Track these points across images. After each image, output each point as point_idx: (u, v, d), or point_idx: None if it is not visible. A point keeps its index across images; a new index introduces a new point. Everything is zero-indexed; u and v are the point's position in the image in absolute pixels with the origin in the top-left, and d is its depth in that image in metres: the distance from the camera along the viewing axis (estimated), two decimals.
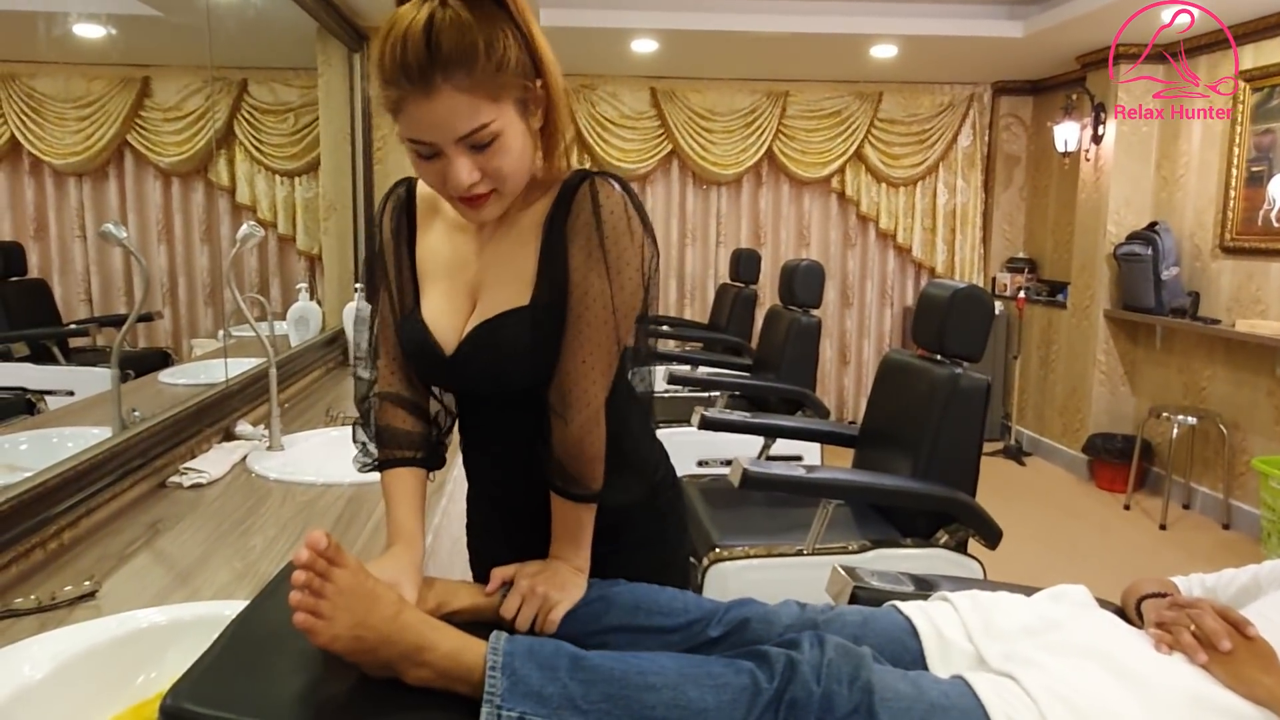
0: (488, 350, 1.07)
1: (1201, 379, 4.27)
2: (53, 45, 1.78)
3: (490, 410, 1.16)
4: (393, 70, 0.94)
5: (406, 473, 1.14)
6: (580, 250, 1.04)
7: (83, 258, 2.26)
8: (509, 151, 0.99)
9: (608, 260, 1.03)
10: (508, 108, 0.98)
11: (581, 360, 1.05)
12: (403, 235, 1.16)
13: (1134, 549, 3.82)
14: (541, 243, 1.07)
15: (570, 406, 1.06)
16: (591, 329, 1.04)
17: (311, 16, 3.09)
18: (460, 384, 1.14)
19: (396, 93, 0.95)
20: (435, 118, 0.95)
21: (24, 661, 0.95)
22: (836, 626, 1.13)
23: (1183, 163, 4.38)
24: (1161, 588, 1.28)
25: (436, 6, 0.94)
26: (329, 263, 3.57)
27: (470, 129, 0.96)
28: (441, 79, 0.93)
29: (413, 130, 0.97)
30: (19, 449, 1.50)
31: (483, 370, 1.09)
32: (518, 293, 1.07)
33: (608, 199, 1.04)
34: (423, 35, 0.92)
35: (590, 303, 1.04)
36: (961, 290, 2.23)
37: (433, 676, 0.92)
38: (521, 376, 1.08)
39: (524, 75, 0.99)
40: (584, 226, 1.04)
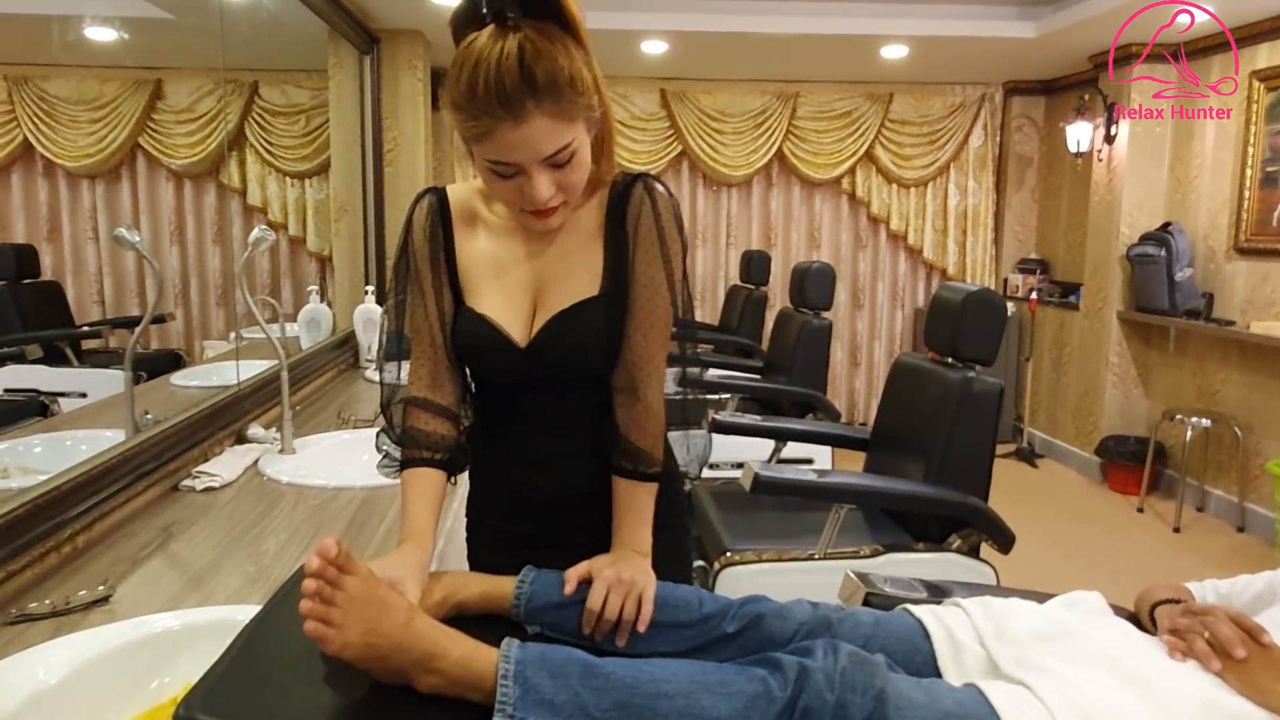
0: (567, 338, 1.15)
1: (1216, 381, 4.24)
2: (66, 48, 1.80)
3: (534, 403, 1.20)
4: (486, 99, 0.99)
5: (426, 473, 1.16)
6: (643, 243, 1.15)
7: (96, 259, 2.27)
8: (582, 166, 1.08)
9: (665, 250, 1.15)
10: (580, 125, 1.06)
11: (650, 341, 1.16)
12: (439, 243, 1.19)
13: (1147, 552, 3.80)
14: (605, 238, 1.16)
15: (643, 384, 1.16)
16: (656, 315, 1.16)
17: (323, 19, 3.11)
18: (534, 372, 1.17)
19: (487, 121, 1.00)
20: (524, 141, 1.01)
21: (39, 666, 0.96)
22: (849, 626, 1.12)
23: (1196, 163, 4.35)
24: (1175, 594, 1.27)
25: (523, 38, 0.99)
26: (340, 264, 3.58)
27: (555, 150, 1.03)
28: (533, 105, 0.99)
29: (499, 154, 1.03)
30: (33, 452, 1.51)
31: (562, 357, 1.16)
32: (587, 284, 1.16)
33: (659, 197, 1.16)
34: (517, 65, 0.98)
35: (654, 288, 1.15)
36: (974, 294, 2.21)
37: (444, 684, 0.92)
38: (596, 361, 1.17)
39: (592, 94, 1.06)
40: (645, 221, 1.15)
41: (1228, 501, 4.14)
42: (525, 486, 1.23)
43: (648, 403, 1.17)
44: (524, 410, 1.21)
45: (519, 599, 1.11)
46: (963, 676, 1.08)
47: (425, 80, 3.99)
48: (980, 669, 1.10)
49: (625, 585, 1.07)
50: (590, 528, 1.19)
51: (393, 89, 3.84)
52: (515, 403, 1.21)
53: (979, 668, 1.10)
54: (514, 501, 1.24)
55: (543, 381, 1.18)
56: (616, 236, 1.16)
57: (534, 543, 1.19)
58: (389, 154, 3.87)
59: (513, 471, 1.23)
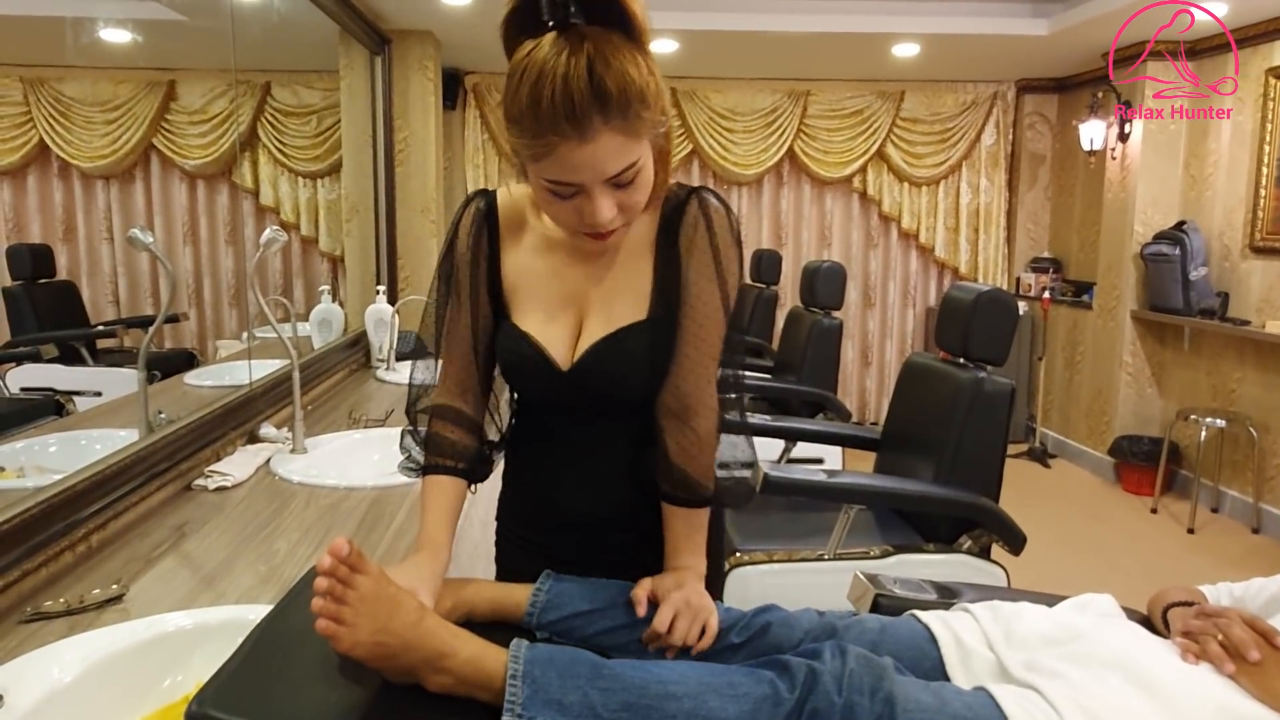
0: (611, 363, 1.10)
1: (1231, 381, 4.21)
2: (81, 50, 1.81)
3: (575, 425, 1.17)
4: (551, 116, 0.91)
5: (447, 481, 1.14)
6: (697, 262, 1.09)
7: (110, 259, 2.28)
8: (645, 185, 1.01)
9: (720, 270, 1.09)
10: (646, 143, 0.99)
11: (703, 366, 1.10)
12: (483, 249, 1.15)
13: (1161, 553, 3.77)
14: (656, 258, 1.11)
15: (695, 411, 1.11)
16: (710, 336, 1.10)
17: (334, 20, 3.12)
18: (574, 396, 1.13)
19: (551, 139, 0.92)
20: (589, 160, 0.94)
21: (54, 664, 0.97)
22: (855, 633, 1.12)
23: (1211, 161, 4.32)
24: (1188, 596, 1.26)
25: (591, 49, 0.91)
26: (351, 264, 3.60)
27: (620, 169, 0.96)
28: (601, 122, 0.92)
29: (560, 173, 0.96)
30: (49, 451, 1.52)
31: (605, 383, 1.11)
32: (635, 307, 1.10)
33: (715, 212, 1.09)
34: (587, 79, 0.90)
35: (708, 311, 1.09)
36: (985, 294, 2.21)
37: (454, 683, 0.92)
38: (640, 387, 1.12)
39: (661, 108, 0.98)
40: (700, 239, 1.09)
41: (1243, 502, 4.11)
42: (556, 505, 1.20)
43: (699, 431, 1.11)
44: (561, 430, 1.18)
45: (534, 605, 1.11)
46: (971, 681, 1.08)
47: (436, 81, 4.00)
48: (989, 673, 1.09)
49: (693, 610, 1.06)
50: (618, 549, 1.18)
51: (404, 89, 3.85)
52: (552, 421, 1.19)
53: (988, 672, 1.10)
54: (544, 517, 1.22)
55: (582, 404, 1.14)
56: (668, 255, 1.09)
57: (559, 558, 1.17)
58: (400, 154, 3.88)
59: (545, 489, 1.21)
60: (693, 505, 1.13)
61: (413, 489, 1.67)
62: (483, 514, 1.97)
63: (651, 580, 1.11)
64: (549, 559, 1.18)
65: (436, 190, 4.02)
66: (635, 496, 1.16)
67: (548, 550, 1.20)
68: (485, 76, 5.24)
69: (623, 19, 0.94)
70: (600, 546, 1.18)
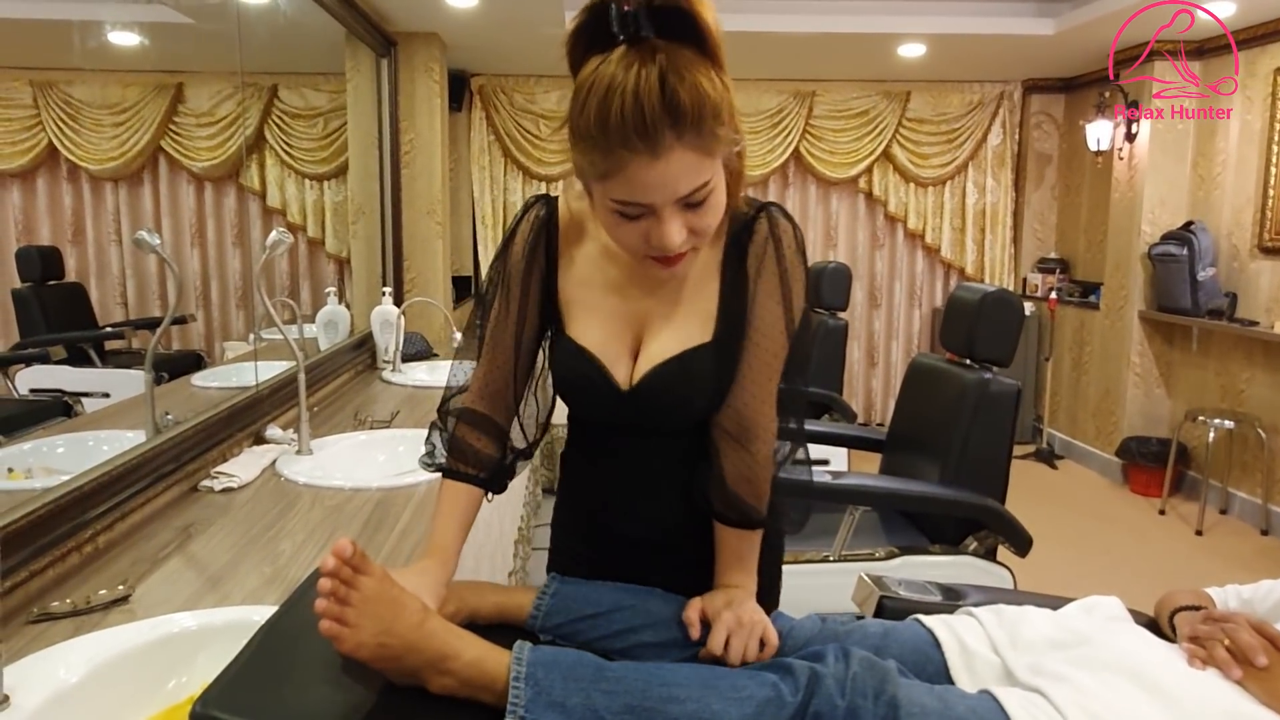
0: (675, 386, 1.07)
1: (1240, 381, 4.18)
2: (89, 53, 1.82)
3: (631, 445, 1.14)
4: (620, 130, 0.87)
5: (464, 489, 1.13)
6: (765, 284, 1.05)
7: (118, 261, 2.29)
8: (717, 207, 0.97)
9: (786, 292, 1.05)
10: (719, 161, 0.94)
11: (764, 389, 1.07)
12: (539, 258, 1.11)
13: (1169, 555, 3.75)
14: (722, 279, 1.07)
15: (753, 435, 1.08)
16: (773, 360, 1.07)
17: (340, 23, 3.13)
18: (633, 417, 1.10)
19: (620, 154, 0.89)
20: (661, 179, 0.90)
21: (60, 665, 0.97)
22: (858, 638, 1.12)
23: (1220, 161, 4.30)
24: (1196, 600, 1.25)
25: (665, 62, 0.87)
26: (357, 266, 3.61)
27: (692, 189, 0.92)
28: (674, 138, 0.88)
29: (629, 192, 0.92)
30: (56, 452, 1.53)
31: (667, 405, 1.08)
32: (700, 329, 1.07)
33: (785, 232, 1.06)
34: (659, 94, 0.86)
35: (772, 334, 1.06)
36: (991, 294, 2.20)
37: (457, 685, 0.92)
38: (702, 410, 1.09)
39: (735, 126, 0.95)
40: (768, 260, 1.05)
41: (1252, 504, 4.09)
42: (608, 521, 1.18)
43: (757, 455, 1.08)
44: (614, 447, 1.16)
45: (538, 608, 1.11)
46: (976, 684, 1.07)
47: (442, 83, 4.00)
48: (994, 677, 1.09)
49: (747, 628, 1.05)
50: (670, 569, 1.15)
51: (410, 92, 3.86)
52: (606, 439, 1.16)
53: (992, 676, 1.09)
54: (594, 532, 1.20)
55: (639, 424, 1.11)
56: (736, 277, 1.06)
57: (606, 574, 1.16)
58: (406, 156, 3.89)
59: (596, 504, 1.20)
60: (746, 527, 1.11)
61: (418, 491, 1.67)
62: (488, 516, 1.97)
63: (702, 599, 1.09)
64: (597, 573, 1.16)
65: (442, 192, 4.03)
66: (688, 517, 1.14)
67: (599, 566, 1.18)
68: (491, 78, 5.24)
69: (696, 32, 0.90)
70: (653, 566, 1.15)
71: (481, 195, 5.33)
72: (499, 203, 5.38)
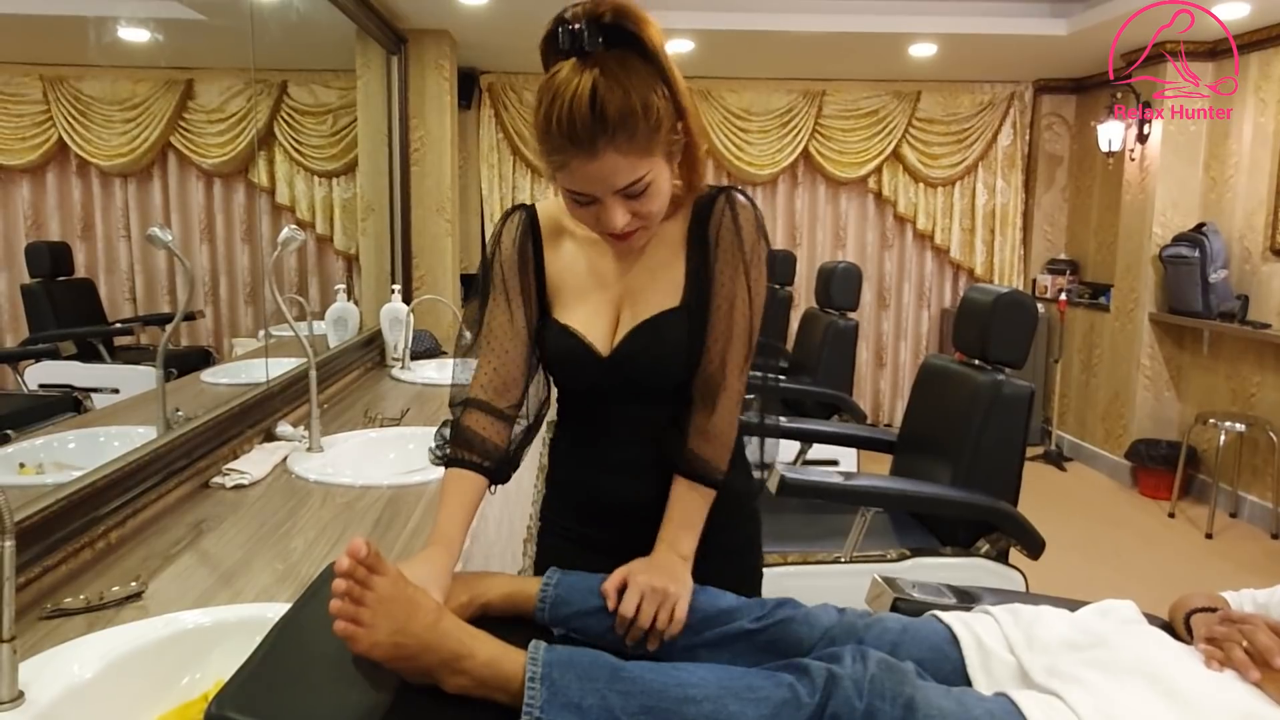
0: (648, 348, 1.17)
1: (1250, 385, 4.16)
2: (100, 49, 1.82)
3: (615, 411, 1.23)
4: (559, 136, 1.01)
5: (468, 477, 1.16)
6: (723, 255, 1.16)
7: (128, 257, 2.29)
8: (659, 195, 1.09)
9: (746, 264, 1.15)
10: (658, 159, 1.06)
11: (725, 351, 1.17)
12: (528, 256, 1.22)
13: (1179, 558, 3.74)
14: (687, 251, 1.18)
15: (716, 395, 1.17)
16: (735, 324, 1.16)
17: (351, 19, 3.13)
18: (614, 382, 1.20)
19: (561, 155, 1.03)
20: (598, 175, 1.03)
21: (74, 661, 0.97)
22: (876, 632, 1.11)
23: (1232, 163, 4.27)
24: (1211, 602, 1.24)
25: (598, 75, 1.00)
26: (366, 263, 3.61)
27: (628, 183, 1.05)
28: (605, 143, 1.01)
29: (574, 184, 1.06)
30: (68, 448, 1.53)
31: (643, 367, 1.18)
32: (669, 296, 1.18)
33: (742, 208, 1.17)
34: (589, 104, 0.99)
35: (734, 301, 1.16)
36: (1005, 295, 2.19)
37: (471, 684, 0.92)
38: (674, 371, 1.18)
39: (672, 128, 1.07)
40: (726, 234, 1.16)
41: (1262, 507, 4.06)
42: (599, 492, 1.25)
43: (718, 417, 1.18)
44: (602, 418, 1.24)
45: (543, 601, 1.11)
46: (992, 685, 1.07)
47: (452, 80, 4.00)
48: (1010, 678, 1.08)
49: (659, 594, 1.07)
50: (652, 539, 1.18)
51: (419, 89, 3.86)
52: (595, 410, 1.25)
53: (1009, 676, 1.08)
54: (587, 506, 1.27)
55: (623, 391, 1.20)
56: (698, 248, 1.17)
57: (601, 547, 1.20)
58: (415, 153, 3.89)
59: (588, 477, 1.27)
60: (700, 482, 1.17)
61: (428, 489, 1.67)
62: (498, 513, 1.97)
63: (628, 566, 1.11)
64: (593, 548, 1.20)
65: (451, 189, 4.03)
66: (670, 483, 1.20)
67: (587, 537, 1.24)
68: (501, 76, 5.24)
69: (637, 44, 1.03)
70: (637, 534, 1.19)
71: (490, 193, 5.33)
72: (508, 200, 5.37)
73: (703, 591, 1.13)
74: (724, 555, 1.25)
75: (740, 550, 1.32)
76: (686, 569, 1.13)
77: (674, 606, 1.07)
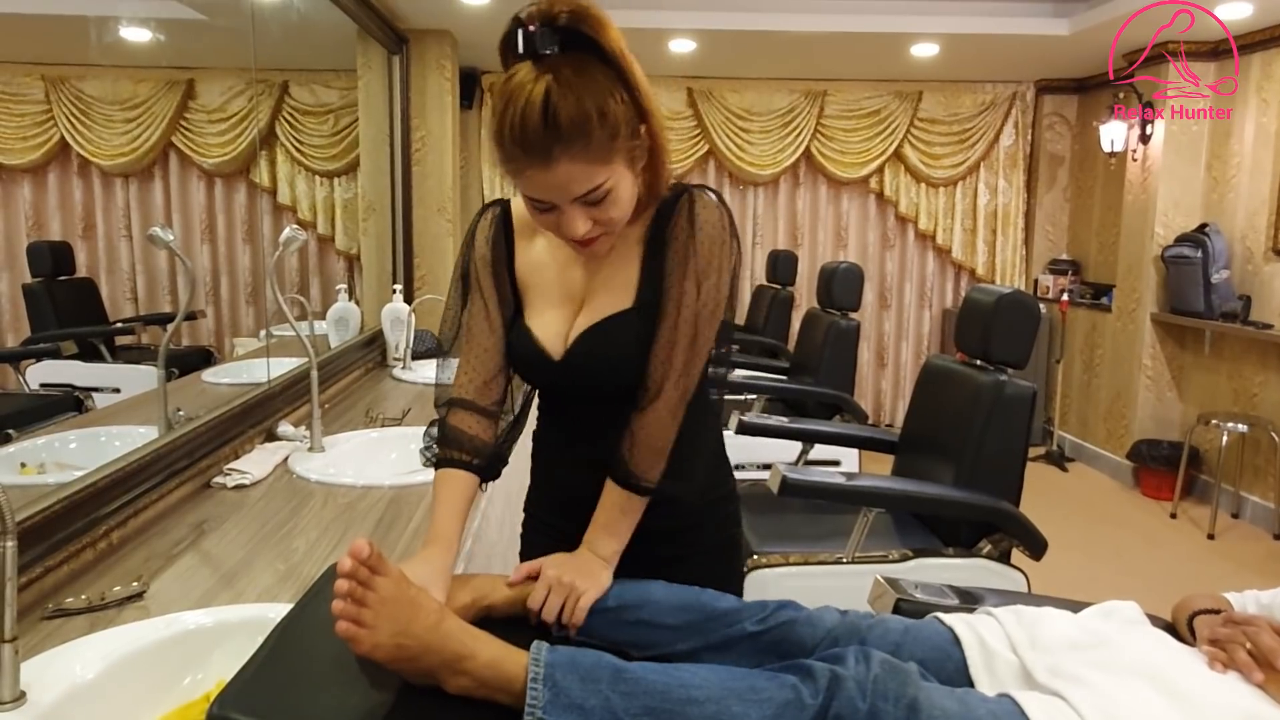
0: (599, 351, 1.15)
1: (1253, 385, 4.16)
2: (102, 49, 1.82)
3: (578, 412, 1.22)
4: (512, 145, 0.98)
5: (459, 476, 1.17)
6: (675, 255, 1.12)
7: (129, 257, 2.29)
8: (619, 202, 1.05)
9: (698, 265, 1.10)
10: (618, 165, 1.03)
11: (666, 355, 1.12)
12: (501, 252, 1.21)
13: (1181, 559, 3.73)
14: (644, 251, 1.15)
15: (650, 397, 1.13)
16: (678, 328, 1.12)
17: (352, 19, 3.13)
18: (567, 384, 1.20)
19: (515, 164, 1.00)
20: (553, 184, 1.00)
21: (75, 661, 0.97)
22: (879, 634, 1.11)
23: (1234, 163, 4.27)
24: (1214, 604, 1.24)
25: (551, 81, 0.96)
26: (367, 263, 3.60)
27: (585, 191, 1.01)
28: (559, 151, 0.97)
29: (531, 191, 1.03)
30: (69, 447, 1.52)
31: (591, 370, 1.16)
32: (622, 298, 1.15)
33: (704, 209, 1.12)
34: (540, 111, 0.95)
35: (680, 303, 1.11)
36: (1007, 296, 2.19)
37: (473, 685, 0.92)
38: (625, 374, 1.15)
39: (632, 132, 1.03)
40: (680, 233, 1.12)
41: (1264, 508, 4.06)
42: (571, 488, 1.25)
43: (647, 417, 1.13)
44: (570, 416, 1.24)
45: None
46: (995, 685, 1.06)
47: (453, 80, 4.00)
48: (1013, 678, 1.08)
49: (565, 588, 1.08)
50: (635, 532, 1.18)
51: (421, 89, 3.86)
52: (562, 409, 1.25)
53: (1012, 677, 1.08)
54: (566, 503, 1.26)
55: (580, 392, 1.20)
56: (654, 250, 1.14)
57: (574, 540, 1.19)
58: (417, 153, 3.88)
59: (563, 474, 1.28)
60: (623, 487, 1.14)
61: (429, 490, 1.66)
62: (499, 513, 1.96)
63: (546, 559, 1.12)
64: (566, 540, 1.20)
65: (453, 189, 4.03)
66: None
67: (564, 531, 1.23)
68: (502, 76, 5.23)
69: (595, 47, 0.99)
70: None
71: (492, 193, 5.33)
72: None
73: (703, 593, 1.13)
74: (703, 555, 1.26)
75: (719, 551, 1.31)
76: (604, 569, 1.12)
77: (577, 600, 1.07)
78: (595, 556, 1.13)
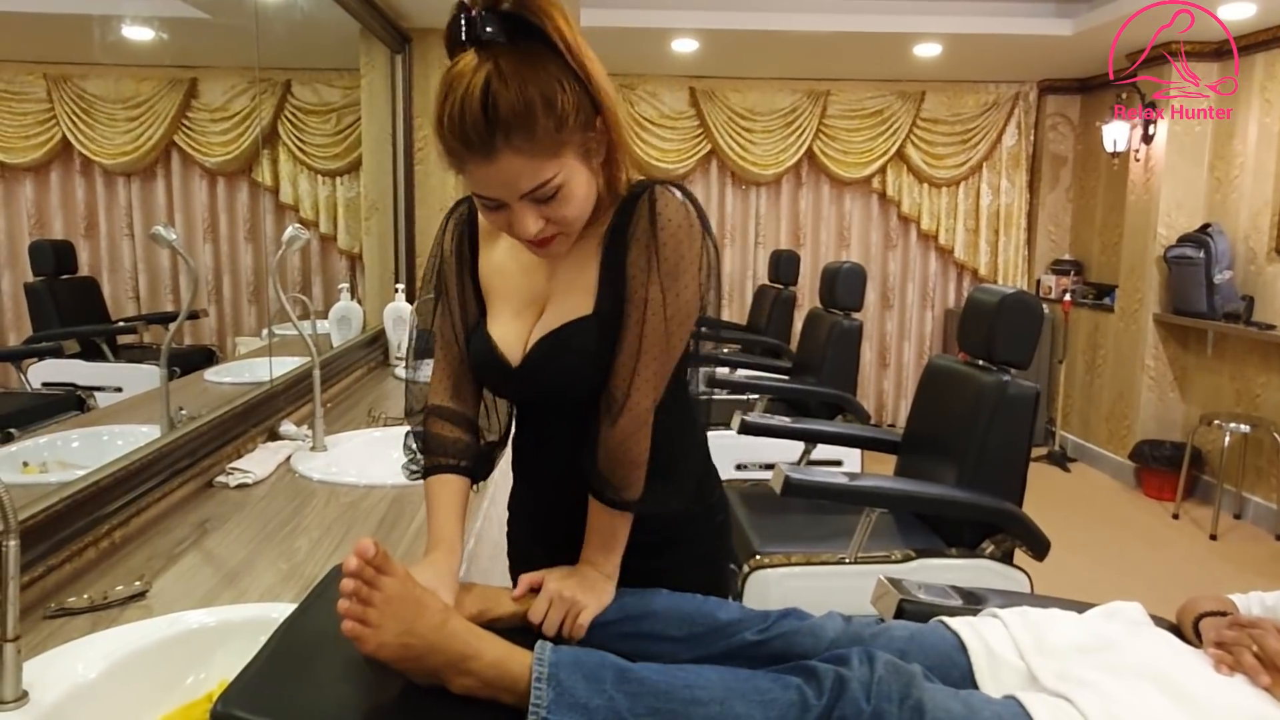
0: (553, 359, 1.09)
1: (1255, 385, 4.15)
2: (104, 48, 1.82)
3: (546, 419, 1.18)
4: (451, 137, 0.93)
5: (450, 479, 1.15)
6: (638, 257, 1.04)
7: (131, 256, 2.29)
8: (573, 199, 0.99)
9: (664, 267, 1.03)
10: (569, 159, 0.97)
11: (633, 364, 1.05)
12: (465, 253, 1.17)
13: (1184, 560, 3.73)
14: (603, 254, 1.07)
15: (617, 409, 1.06)
16: (645, 335, 1.05)
17: (355, 18, 3.12)
18: (526, 393, 1.15)
19: (457, 157, 0.95)
20: (497, 179, 0.95)
21: (77, 660, 0.97)
22: (883, 641, 1.11)
23: (1238, 163, 4.26)
24: (1219, 606, 1.24)
25: (491, 69, 0.91)
26: (370, 262, 3.60)
27: (533, 186, 0.95)
28: (502, 143, 0.92)
29: (477, 187, 0.98)
30: (71, 446, 1.52)
31: (549, 379, 1.10)
32: (582, 303, 1.08)
33: (666, 206, 1.03)
34: (480, 101, 0.90)
35: (646, 309, 1.04)
36: (1010, 296, 2.18)
37: (478, 685, 0.92)
38: (586, 383, 1.09)
39: (584, 124, 0.97)
40: (642, 234, 1.04)
41: (1267, 508, 4.05)
42: (546, 494, 1.23)
43: (617, 432, 1.06)
44: (538, 422, 1.20)
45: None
46: (1000, 690, 1.06)
47: None
48: (1019, 682, 1.08)
49: (565, 603, 1.06)
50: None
51: (424, 88, 3.85)
52: (530, 415, 1.21)
53: (1017, 681, 1.08)
54: (544, 509, 1.25)
55: (538, 400, 1.16)
56: (614, 252, 1.06)
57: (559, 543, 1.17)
58: (419, 153, 3.88)
59: (534, 479, 1.25)
60: (606, 505, 1.09)
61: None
62: (501, 514, 1.96)
63: (548, 572, 1.10)
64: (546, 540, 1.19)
65: (456, 189, 4.02)
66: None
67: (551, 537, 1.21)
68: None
69: (541, 34, 0.93)
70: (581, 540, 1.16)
71: None
72: None
73: (706, 602, 1.12)
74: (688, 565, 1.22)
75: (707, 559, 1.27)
76: (606, 584, 1.10)
77: (578, 615, 1.06)
78: (597, 572, 1.11)
